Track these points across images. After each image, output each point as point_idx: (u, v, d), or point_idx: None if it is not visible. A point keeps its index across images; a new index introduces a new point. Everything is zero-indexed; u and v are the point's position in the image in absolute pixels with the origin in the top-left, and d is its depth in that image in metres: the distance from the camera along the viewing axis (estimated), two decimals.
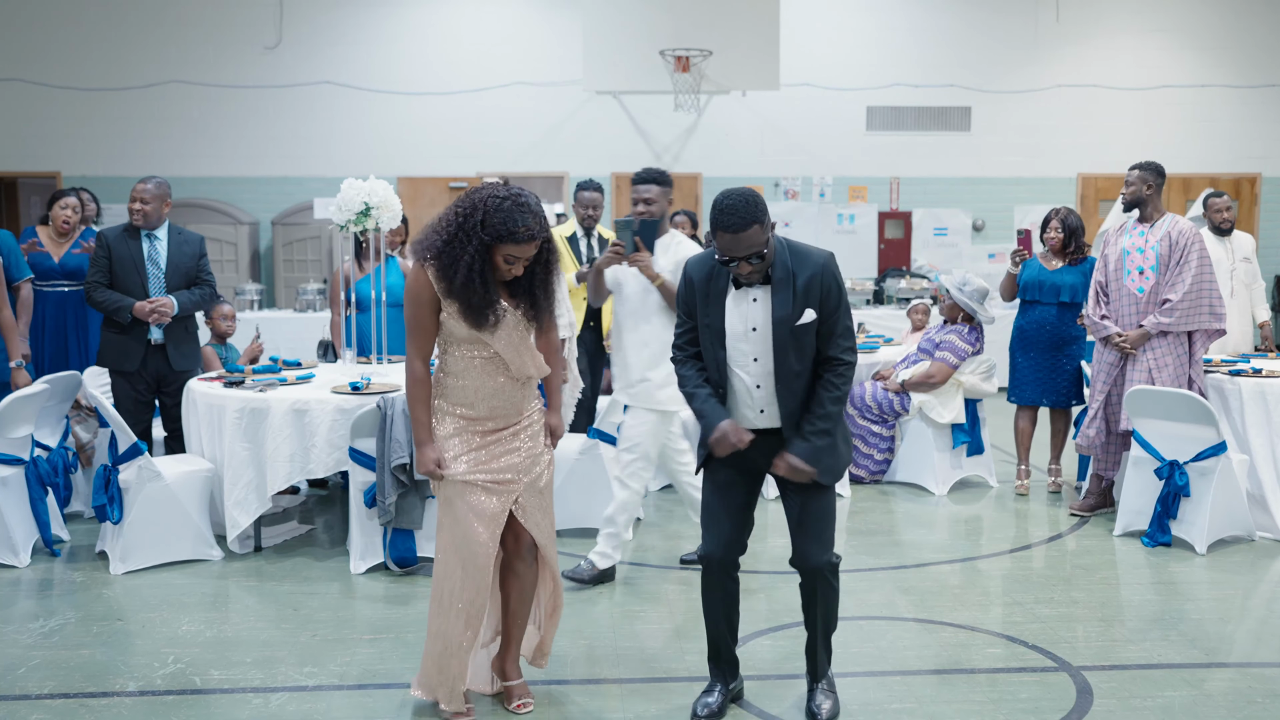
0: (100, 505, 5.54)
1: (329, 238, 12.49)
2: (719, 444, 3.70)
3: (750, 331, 3.68)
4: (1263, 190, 13.67)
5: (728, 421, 3.69)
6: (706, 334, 3.73)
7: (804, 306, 3.62)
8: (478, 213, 3.55)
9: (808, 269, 3.64)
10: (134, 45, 12.87)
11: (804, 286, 3.62)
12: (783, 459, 3.67)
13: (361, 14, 13.03)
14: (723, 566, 3.83)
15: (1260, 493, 6.18)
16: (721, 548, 3.81)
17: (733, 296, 3.68)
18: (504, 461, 3.74)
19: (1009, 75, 13.42)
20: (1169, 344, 6.26)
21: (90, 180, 12.29)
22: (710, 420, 3.71)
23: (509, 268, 3.62)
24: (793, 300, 3.62)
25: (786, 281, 3.62)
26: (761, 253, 3.56)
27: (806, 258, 3.66)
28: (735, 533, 3.83)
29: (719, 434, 3.68)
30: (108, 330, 6.17)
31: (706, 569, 3.86)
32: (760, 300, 3.67)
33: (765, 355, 3.67)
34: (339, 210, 6.22)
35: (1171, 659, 4.46)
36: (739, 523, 3.84)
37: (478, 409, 3.73)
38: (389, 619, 4.91)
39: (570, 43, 12.34)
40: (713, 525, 3.83)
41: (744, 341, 3.69)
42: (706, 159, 13.31)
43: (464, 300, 3.59)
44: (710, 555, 3.83)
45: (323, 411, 5.57)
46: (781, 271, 3.63)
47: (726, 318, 3.68)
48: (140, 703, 4.03)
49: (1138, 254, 6.38)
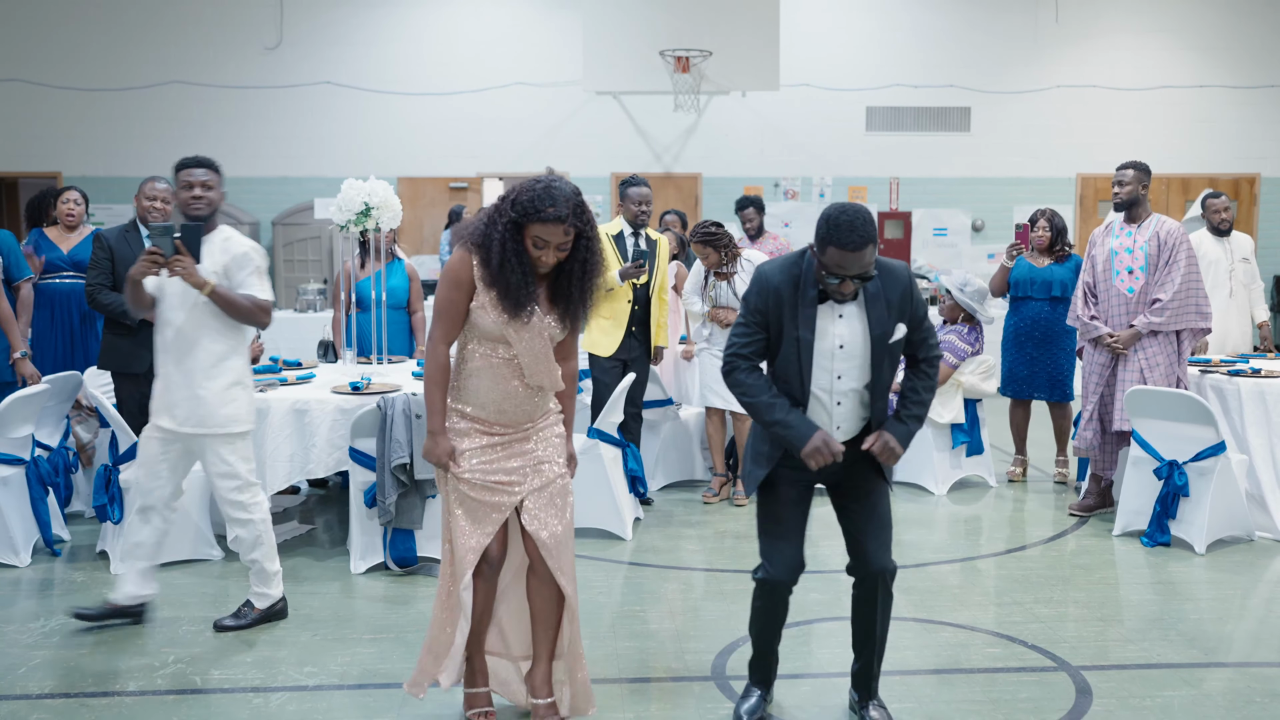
0: (101, 505, 5.54)
1: (329, 238, 12.50)
2: (814, 457, 3.51)
3: (838, 349, 3.54)
4: (1262, 190, 13.68)
5: (822, 432, 3.52)
6: (792, 348, 3.55)
7: (896, 322, 3.55)
8: (511, 194, 3.51)
9: (897, 284, 3.56)
10: (134, 45, 12.88)
11: (897, 302, 3.54)
12: (879, 438, 3.54)
13: (361, 14, 13.04)
14: (787, 589, 3.73)
15: (1259, 493, 6.19)
16: (786, 572, 3.69)
17: (818, 311, 3.55)
18: (508, 464, 3.66)
19: (1009, 75, 13.43)
20: (1160, 343, 6.30)
21: (90, 180, 12.30)
22: (801, 431, 3.52)
23: (539, 253, 3.49)
24: (888, 316, 3.53)
25: (878, 297, 3.52)
26: (870, 273, 3.45)
27: (891, 271, 3.57)
28: (798, 555, 3.71)
29: (814, 446, 3.50)
30: (112, 334, 6.15)
31: (768, 593, 3.73)
32: (848, 316, 3.54)
33: (850, 373, 3.56)
34: (339, 210, 6.23)
35: (1170, 659, 4.47)
36: (800, 544, 3.72)
37: (487, 411, 3.64)
38: (389, 619, 4.92)
39: (570, 43, 12.35)
40: (777, 551, 3.69)
41: (828, 359, 3.55)
42: (706, 159, 13.32)
43: (503, 285, 3.48)
44: (775, 580, 3.70)
45: (323, 411, 5.57)
46: (873, 287, 3.52)
47: (816, 332, 3.55)
48: (140, 702, 4.03)
49: (1126, 254, 6.40)
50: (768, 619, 3.79)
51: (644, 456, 6.96)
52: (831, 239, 3.40)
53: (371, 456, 5.45)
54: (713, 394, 6.82)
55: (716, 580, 5.51)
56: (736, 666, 4.36)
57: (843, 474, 3.68)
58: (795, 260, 3.59)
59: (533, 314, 3.54)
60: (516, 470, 3.67)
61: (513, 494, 3.66)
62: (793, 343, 3.54)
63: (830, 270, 3.44)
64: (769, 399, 3.57)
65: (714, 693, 4.13)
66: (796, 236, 13.03)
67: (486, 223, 3.52)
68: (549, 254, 3.50)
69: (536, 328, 3.56)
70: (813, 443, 3.50)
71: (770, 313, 3.57)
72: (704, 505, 6.90)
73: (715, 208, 13.08)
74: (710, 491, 7.00)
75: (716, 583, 5.47)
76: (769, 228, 10.24)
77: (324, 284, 11.75)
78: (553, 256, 3.51)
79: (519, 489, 3.66)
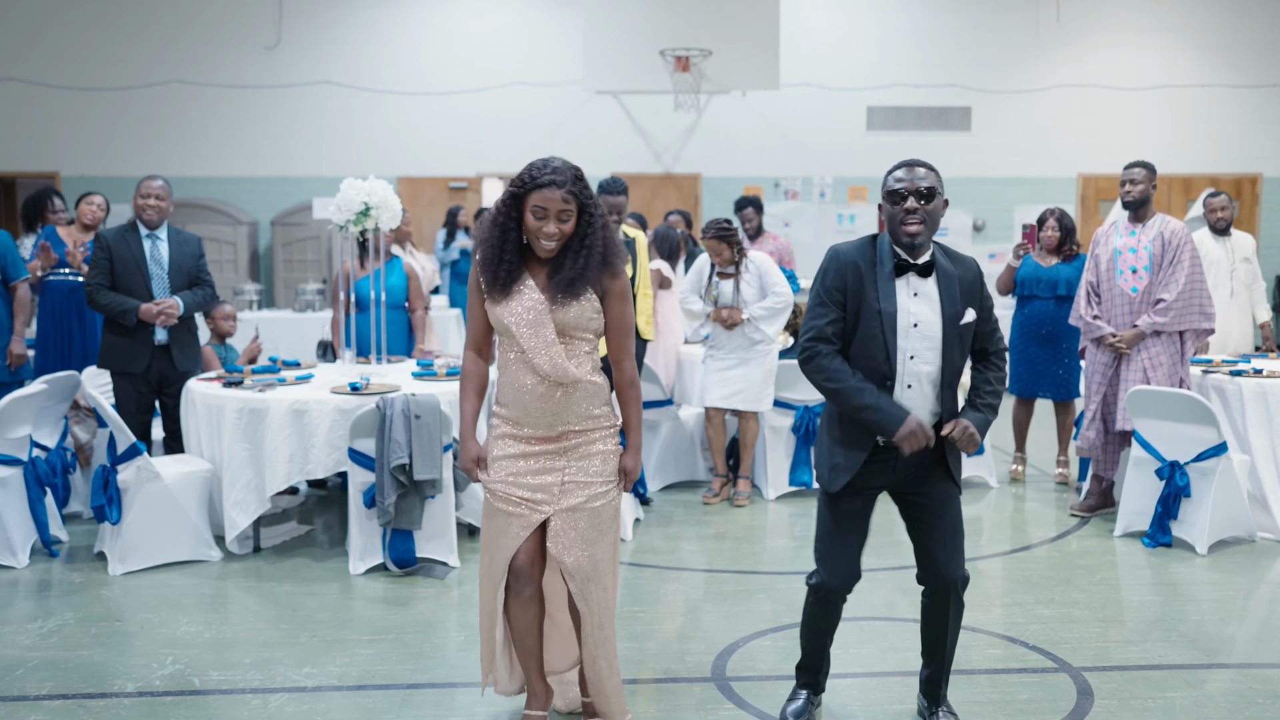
0: (99, 506, 5.53)
1: (328, 238, 12.49)
2: (909, 440, 3.42)
3: (911, 327, 3.46)
4: (1263, 190, 13.66)
5: (915, 415, 3.43)
6: (874, 322, 3.45)
7: (966, 305, 3.51)
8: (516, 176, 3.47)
9: (966, 269, 3.55)
10: (133, 45, 12.87)
11: (966, 286, 3.52)
12: (958, 424, 3.46)
13: (361, 14, 13.02)
14: (842, 597, 3.67)
15: (1261, 493, 6.17)
16: (841, 581, 3.63)
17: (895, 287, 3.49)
18: (537, 480, 3.49)
19: (1009, 75, 13.41)
20: (1163, 343, 6.29)
21: (89, 180, 12.30)
22: (893, 414, 3.41)
23: (540, 224, 3.37)
24: (959, 297, 3.49)
25: (950, 278, 3.50)
26: (934, 190, 3.43)
27: (962, 260, 3.57)
28: (855, 565, 3.64)
29: (910, 429, 3.40)
30: (111, 333, 6.15)
31: (822, 600, 3.67)
32: (922, 295, 3.47)
33: (923, 353, 3.47)
34: (338, 210, 6.21)
35: (1172, 660, 4.45)
36: (858, 555, 3.65)
37: (512, 410, 3.50)
38: (388, 620, 4.90)
39: (570, 43, 12.34)
40: (835, 558, 3.61)
41: (904, 337, 3.46)
42: (706, 159, 13.31)
43: (486, 255, 3.43)
44: (830, 587, 3.63)
45: (322, 412, 5.56)
46: (947, 269, 3.51)
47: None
48: (139, 704, 4.02)
49: (1130, 254, 6.38)
50: (819, 624, 3.74)
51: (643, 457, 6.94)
52: (894, 168, 3.49)
53: (370, 457, 5.43)
54: (712, 394, 6.80)
55: (716, 581, 5.49)
56: (736, 667, 4.35)
57: (913, 479, 3.58)
58: (868, 241, 3.54)
59: (516, 287, 3.43)
60: (544, 488, 3.49)
61: (537, 511, 3.49)
62: (874, 316, 3.45)
63: (898, 191, 3.44)
64: (857, 383, 3.44)
65: (714, 693, 4.11)
66: (796, 236, 13.03)
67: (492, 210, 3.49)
68: (550, 223, 3.38)
69: (530, 307, 3.42)
70: (907, 425, 3.40)
71: (849, 289, 3.47)
72: (704, 506, 6.88)
73: (715, 208, 13.07)
74: (710, 492, 6.98)
75: (716, 583, 5.45)
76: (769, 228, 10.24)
77: (323, 284, 11.73)
78: (554, 227, 3.38)
79: (545, 507, 3.49)
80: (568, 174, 3.40)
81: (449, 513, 5.62)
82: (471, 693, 4.13)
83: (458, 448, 5.28)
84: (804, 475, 6.99)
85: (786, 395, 6.99)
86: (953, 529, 3.61)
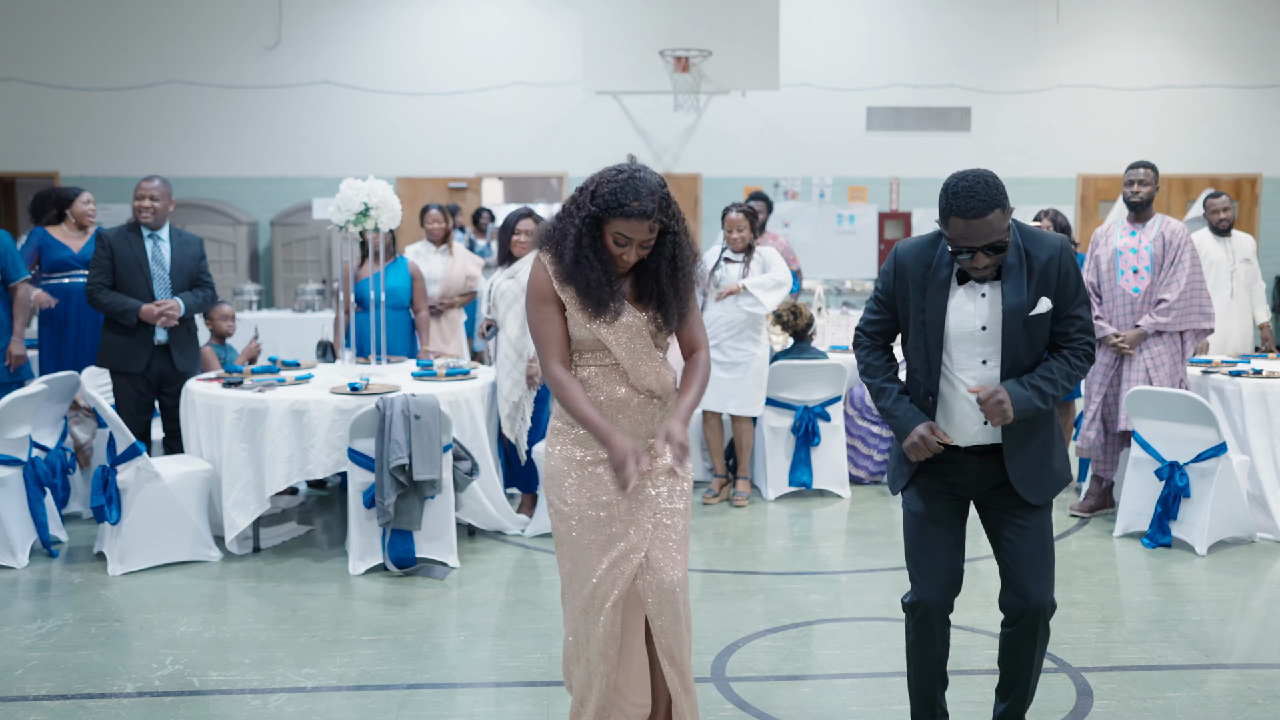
0: (98, 506, 5.52)
1: (328, 238, 12.49)
2: (913, 451, 3.24)
3: (979, 330, 3.21)
4: (1263, 191, 13.67)
5: (925, 425, 3.23)
6: (920, 333, 3.25)
7: (1039, 294, 3.17)
8: (591, 185, 3.17)
9: (1044, 251, 3.18)
10: (132, 45, 12.87)
11: (1040, 271, 3.17)
12: (987, 387, 3.16)
13: (360, 14, 13.02)
14: (941, 613, 3.34)
15: (1260, 494, 6.17)
16: (939, 592, 3.31)
17: (957, 292, 3.23)
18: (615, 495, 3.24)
19: (1009, 75, 13.41)
20: (1164, 343, 6.30)
21: (88, 180, 12.29)
22: (905, 422, 3.26)
23: (620, 251, 3.14)
24: (1026, 286, 3.16)
25: (1019, 266, 3.17)
26: (1002, 242, 3.09)
27: (1041, 240, 3.21)
28: (953, 573, 3.33)
29: (912, 440, 3.23)
30: (111, 332, 6.15)
31: (920, 619, 3.35)
32: (990, 295, 3.20)
33: (996, 356, 3.22)
34: (338, 210, 6.21)
35: (1172, 660, 4.45)
36: (955, 561, 3.34)
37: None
38: (388, 620, 4.90)
39: (570, 43, 12.33)
40: (927, 567, 3.32)
41: (970, 342, 3.22)
42: (706, 159, 13.30)
43: (580, 281, 3.14)
44: (927, 602, 3.32)
45: (321, 412, 5.56)
46: (1014, 255, 3.18)
47: (949, 315, 3.22)
48: (138, 704, 4.02)
49: (1130, 254, 6.39)
50: (923, 655, 3.39)
51: None
52: (952, 208, 3.07)
53: (370, 457, 5.43)
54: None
55: (716, 581, 5.49)
56: (736, 667, 4.35)
57: (995, 493, 3.31)
58: (932, 240, 3.29)
59: (620, 311, 3.18)
60: (638, 490, 3.24)
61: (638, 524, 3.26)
62: (919, 328, 3.25)
63: (957, 244, 3.11)
64: (880, 383, 3.35)
65: (714, 693, 4.11)
66: (796, 236, 13.02)
67: (561, 217, 3.21)
68: (630, 252, 3.16)
69: (630, 325, 3.21)
70: (911, 437, 3.24)
71: (896, 295, 3.31)
72: (704, 506, 6.88)
73: (715, 208, 13.07)
74: (710, 493, 6.98)
75: (716, 584, 5.45)
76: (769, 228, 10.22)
77: (322, 284, 11.73)
78: (634, 255, 3.17)
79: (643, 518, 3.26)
80: (655, 200, 3.12)
81: (449, 513, 5.62)
82: (471, 693, 4.13)
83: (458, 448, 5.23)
84: (803, 475, 6.99)
85: (786, 395, 6.99)
86: (1040, 551, 3.29)
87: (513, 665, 4.41)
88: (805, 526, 6.53)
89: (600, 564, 3.22)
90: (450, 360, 6.66)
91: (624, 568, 3.22)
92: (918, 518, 3.34)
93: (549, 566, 5.64)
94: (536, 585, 5.40)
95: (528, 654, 4.51)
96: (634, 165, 3.18)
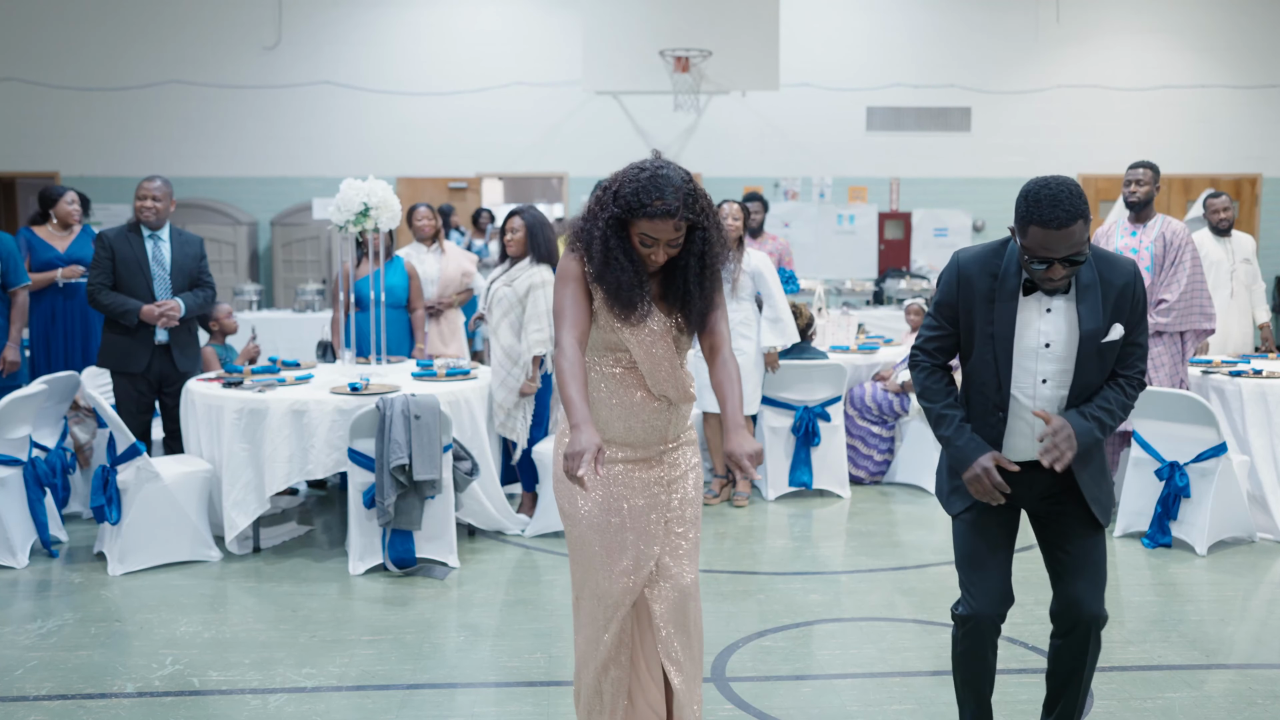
0: (98, 506, 5.52)
1: (328, 238, 12.49)
2: (973, 484, 3.11)
3: (1043, 348, 3.08)
4: (1263, 191, 13.67)
5: (990, 456, 3.10)
6: (988, 345, 3.11)
7: (1113, 320, 3.07)
8: (613, 185, 3.07)
9: (1119, 275, 3.07)
10: (132, 45, 12.87)
11: (1116, 295, 3.07)
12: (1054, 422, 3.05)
13: (360, 14, 13.02)
14: (993, 626, 3.25)
15: (1260, 494, 6.17)
16: (991, 604, 3.21)
17: (1021, 304, 3.09)
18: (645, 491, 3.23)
19: (1009, 75, 13.42)
20: (1165, 344, 6.30)
21: (88, 180, 12.30)
22: (967, 454, 3.13)
23: (648, 251, 3.04)
24: (1103, 311, 3.06)
25: (1094, 288, 3.05)
26: (1082, 254, 2.96)
27: (1114, 263, 3.10)
28: (1005, 585, 3.24)
29: (974, 473, 3.11)
30: (111, 332, 6.15)
31: (971, 631, 3.25)
32: (1056, 310, 3.07)
33: (1057, 376, 3.10)
34: (338, 211, 6.21)
35: (1172, 660, 4.45)
36: (1007, 573, 3.26)
37: (613, 429, 3.18)
38: (388, 620, 4.90)
39: (570, 43, 12.34)
40: (979, 580, 3.22)
41: (1031, 359, 3.10)
42: (706, 159, 13.30)
43: (610, 283, 3.04)
44: (980, 615, 3.22)
45: (321, 412, 5.56)
46: (1089, 276, 3.06)
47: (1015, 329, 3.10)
48: (138, 704, 4.02)
49: (1131, 254, 6.38)
50: (972, 669, 3.32)
51: None
52: (1033, 216, 2.93)
53: (370, 457, 5.43)
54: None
55: (716, 581, 5.49)
56: (736, 667, 4.35)
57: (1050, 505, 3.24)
58: (997, 249, 3.15)
59: (649, 314, 3.10)
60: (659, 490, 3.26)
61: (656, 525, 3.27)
62: (986, 340, 3.11)
63: (1034, 254, 2.97)
64: (941, 409, 3.21)
65: (713, 693, 4.11)
66: (796, 237, 13.03)
67: (586, 218, 3.11)
68: (659, 252, 3.05)
69: (654, 330, 3.13)
70: (973, 469, 3.11)
71: (960, 307, 3.16)
72: (704, 506, 6.88)
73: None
74: (710, 493, 6.98)
75: (716, 584, 5.45)
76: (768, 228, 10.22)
77: (322, 284, 11.74)
78: (663, 255, 3.06)
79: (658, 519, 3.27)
80: (680, 199, 3.00)
81: (449, 513, 5.62)
82: (471, 693, 4.13)
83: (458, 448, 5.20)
84: (803, 476, 6.99)
85: (786, 396, 6.99)
86: (1098, 561, 3.22)
87: (513, 665, 4.41)
88: (805, 526, 6.53)
89: (611, 569, 3.19)
90: (450, 360, 6.66)
91: (636, 574, 3.20)
92: (973, 530, 3.25)
93: (549, 566, 5.64)
94: (536, 585, 5.40)
95: (528, 654, 4.51)
96: (657, 162, 3.08)
